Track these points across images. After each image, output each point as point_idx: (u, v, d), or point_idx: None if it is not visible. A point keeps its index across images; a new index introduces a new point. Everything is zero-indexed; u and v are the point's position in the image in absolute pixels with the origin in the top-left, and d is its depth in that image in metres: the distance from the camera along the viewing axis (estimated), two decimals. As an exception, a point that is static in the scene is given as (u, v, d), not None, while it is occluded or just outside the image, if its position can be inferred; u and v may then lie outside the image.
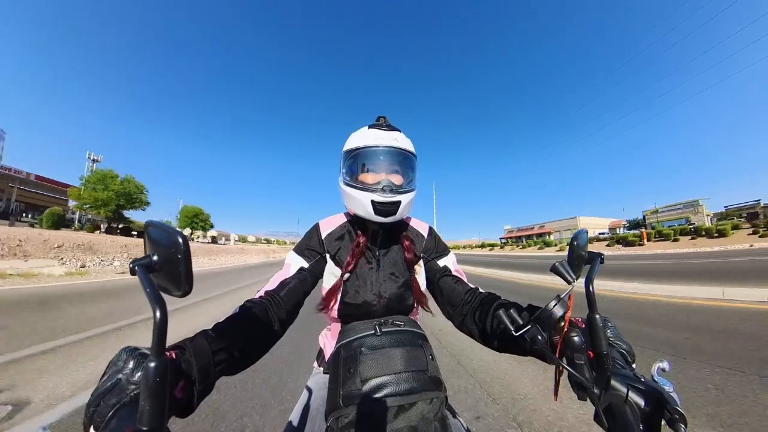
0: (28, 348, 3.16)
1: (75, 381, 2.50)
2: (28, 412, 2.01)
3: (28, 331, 3.71)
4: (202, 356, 0.49)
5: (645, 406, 0.40)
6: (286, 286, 0.79)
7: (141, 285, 0.34)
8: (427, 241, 0.94)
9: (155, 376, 0.32)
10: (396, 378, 0.59)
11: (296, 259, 0.86)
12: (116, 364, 0.40)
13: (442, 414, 0.59)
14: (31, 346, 3.20)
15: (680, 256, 16.47)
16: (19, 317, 4.34)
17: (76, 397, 2.24)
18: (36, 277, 8.34)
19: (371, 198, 0.78)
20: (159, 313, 0.32)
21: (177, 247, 0.36)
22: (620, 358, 0.49)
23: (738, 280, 6.86)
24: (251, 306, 0.68)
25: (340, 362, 0.65)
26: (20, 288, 6.70)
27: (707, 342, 3.31)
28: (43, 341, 3.38)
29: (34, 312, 4.69)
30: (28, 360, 2.88)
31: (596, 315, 0.46)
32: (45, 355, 3.03)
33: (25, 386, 2.36)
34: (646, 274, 9.10)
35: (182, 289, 0.36)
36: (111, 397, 0.37)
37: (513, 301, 0.69)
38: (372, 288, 0.84)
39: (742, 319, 4.10)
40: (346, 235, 0.90)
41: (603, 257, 0.52)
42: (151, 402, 0.32)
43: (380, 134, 0.83)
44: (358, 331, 0.69)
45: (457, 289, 0.83)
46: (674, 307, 5.06)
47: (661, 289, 6.61)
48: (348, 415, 0.56)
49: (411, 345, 0.66)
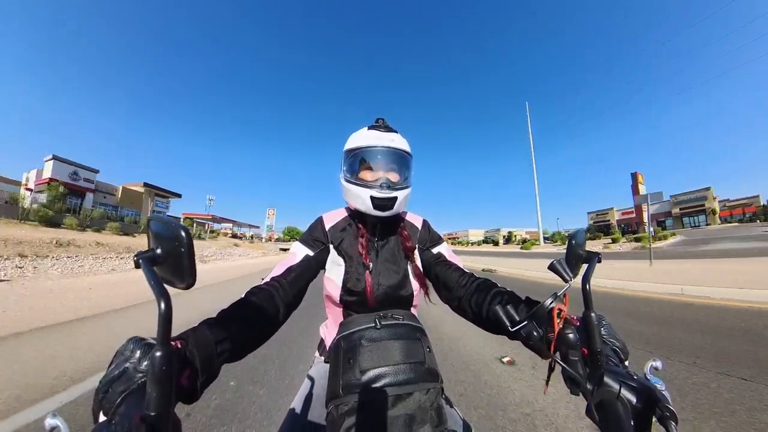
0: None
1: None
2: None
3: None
4: (205, 347, 0.50)
5: (636, 403, 0.41)
6: (293, 272, 0.82)
7: (145, 277, 0.34)
8: (421, 232, 1.00)
9: (161, 365, 0.33)
10: (394, 369, 0.61)
11: (301, 249, 0.90)
12: (123, 353, 0.41)
13: (438, 403, 0.61)
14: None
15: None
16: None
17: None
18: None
19: (370, 194, 0.84)
20: (163, 305, 0.33)
21: (180, 241, 0.36)
22: (614, 356, 0.49)
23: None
24: (257, 293, 0.70)
25: (341, 353, 0.67)
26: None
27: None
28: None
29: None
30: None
31: (592, 313, 0.47)
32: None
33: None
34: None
35: (186, 281, 0.37)
36: (119, 385, 0.38)
37: (510, 290, 0.71)
38: (371, 276, 0.88)
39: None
40: (347, 227, 0.95)
41: (600, 256, 0.52)
42: (157, 389, 0.33)
43: (379, 135, 0.89)
44: (358, 323, 0.71)
45: (452, 274, 0.86)
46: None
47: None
48: (348, 403, 0.58)
49: (409, 338, 0.67)
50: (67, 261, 11.01)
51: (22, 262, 9.57)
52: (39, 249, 11.54)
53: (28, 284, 7.16)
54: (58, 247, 12.68)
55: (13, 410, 2.07)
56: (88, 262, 11.45)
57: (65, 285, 7.37)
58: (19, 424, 1.92)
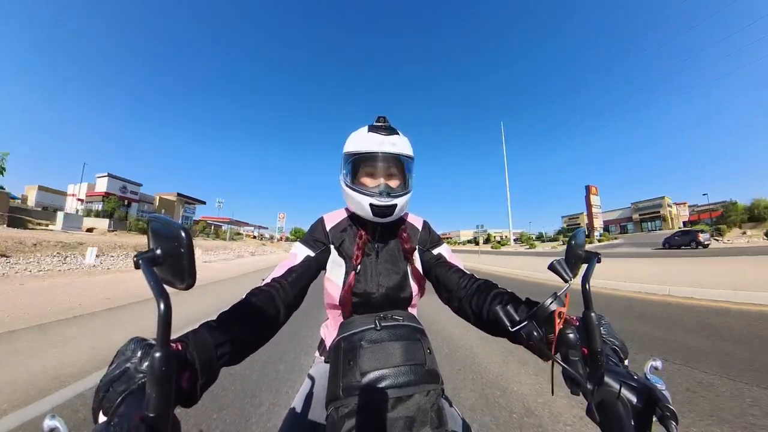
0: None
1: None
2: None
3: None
4: (205, 350, 0.49)
5: (637, 403, 0.41)
6: (294, 273, 0.82)
7: (145, 278, 0.34)
8: (422, 234, 1.00)
9: (161, 366, 0.32)
10: (394, 371, 0.61)
11: (303, 249, 0.90)
12: (124, 353, 0.41)
13: (438, 405, 0.60)
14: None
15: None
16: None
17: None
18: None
19: (370, 201, 0.83)
20: (163, 306, 0.32)
21: (180, 241, 0.36)
22: (613, 355, 0.49)
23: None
24: (257, 294, 0.70)
25: (341, 354, 0.66)
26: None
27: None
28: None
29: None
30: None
31: (592, 313, 0.47)
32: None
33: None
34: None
35: (185, 282, 0.37)
36: (119, 385, 0.37)
37: (510, 291, 0.71)
38: (371, 278, 0.88)
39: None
40: (348, 229, 0.95)
41: (600, 257, 0.52)
42: (157, 390, 0.32)
43: (380, 139, 0.86)
44: (358, 325, 0.71)
45: (452, 275, 0.86)
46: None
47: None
48: (348, 405, 0.58)
49: (409, 339, 0.67)
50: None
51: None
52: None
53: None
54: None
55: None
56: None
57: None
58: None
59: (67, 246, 14.67)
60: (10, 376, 2.54)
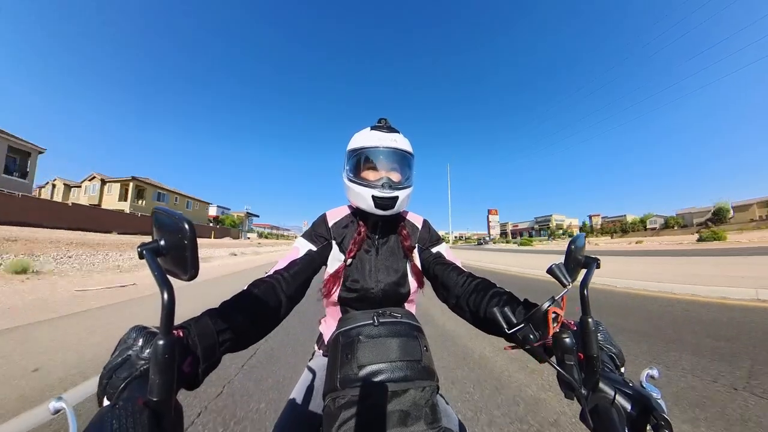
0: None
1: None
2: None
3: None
4: (206, 337, 0.51)
5: (631, 410, 0.41)
6: (296, 266, 0.84)
7: (149, 268, 0.35)
8: (421, 232, 1.01)
9: (164, 353, 0.34)
10: (391, 366, 0.62)
11: (305, 244, 0.92)
12: (126, 341, 0.42)
13: (433, 401, 0.61)
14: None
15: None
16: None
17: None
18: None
19: (372, 193, 0.86)
20: (166, 295, 0.34)
21: (183, 233, 0.37)
22: (610, 362, 0.49)
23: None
24: (259, 285, 0.72)
25: (339, 348, 0.67)
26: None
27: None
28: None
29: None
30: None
31: (589, 318, 0.46)
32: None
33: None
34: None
35: (188, 273, 0.38)
36: (122, 371, 0.39)
37: (508, 291, 0.71)
38: (370, 274, 0.90)
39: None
40: (350, 225, 0.96)
41: (599, 262, 0.52)
42: (160, 376, 0.34)
43: (381, 135, 0.90)
44: (356, 320, 0.72)
45: (450, 274, 0.87)
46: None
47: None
48: (344, 396, 0.59)
49: (407, 336, 0.68)
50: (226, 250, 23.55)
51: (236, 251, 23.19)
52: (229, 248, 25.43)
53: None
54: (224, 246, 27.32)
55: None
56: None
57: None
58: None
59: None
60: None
